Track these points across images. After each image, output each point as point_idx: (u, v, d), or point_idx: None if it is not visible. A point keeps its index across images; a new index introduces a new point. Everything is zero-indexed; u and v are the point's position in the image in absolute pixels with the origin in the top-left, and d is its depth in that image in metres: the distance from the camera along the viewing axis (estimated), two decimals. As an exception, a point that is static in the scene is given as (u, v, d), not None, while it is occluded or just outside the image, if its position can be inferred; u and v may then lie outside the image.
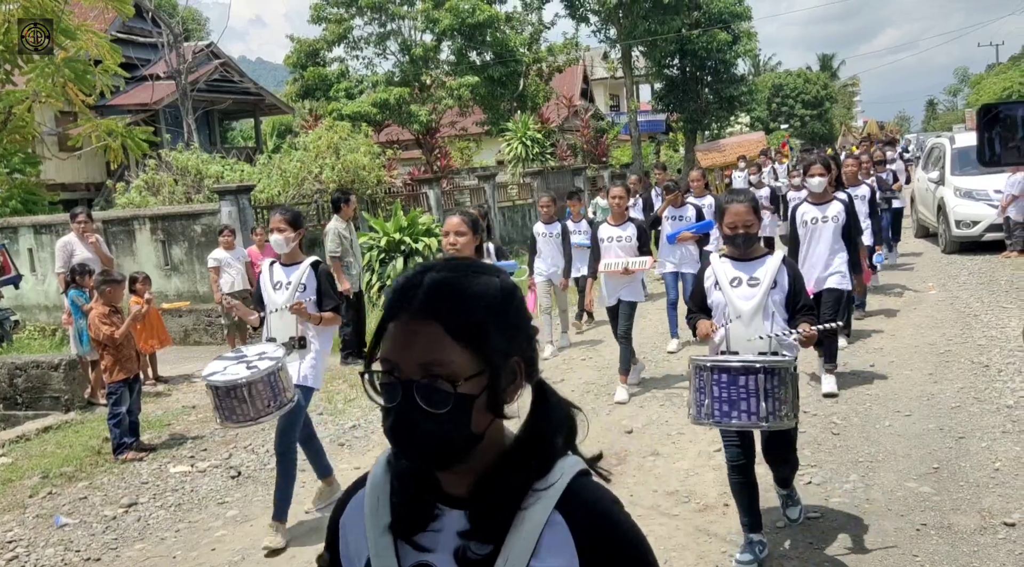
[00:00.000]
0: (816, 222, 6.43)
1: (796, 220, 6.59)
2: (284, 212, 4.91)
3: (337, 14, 22.78)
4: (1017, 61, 50.31)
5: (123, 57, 12.33)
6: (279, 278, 4.86)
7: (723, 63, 28.32)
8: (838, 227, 6.39)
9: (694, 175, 9.72)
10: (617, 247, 6.84)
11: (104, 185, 20.22)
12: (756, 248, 3.93)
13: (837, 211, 6.42)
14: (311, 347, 4.80)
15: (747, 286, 3.83)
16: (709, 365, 3.45)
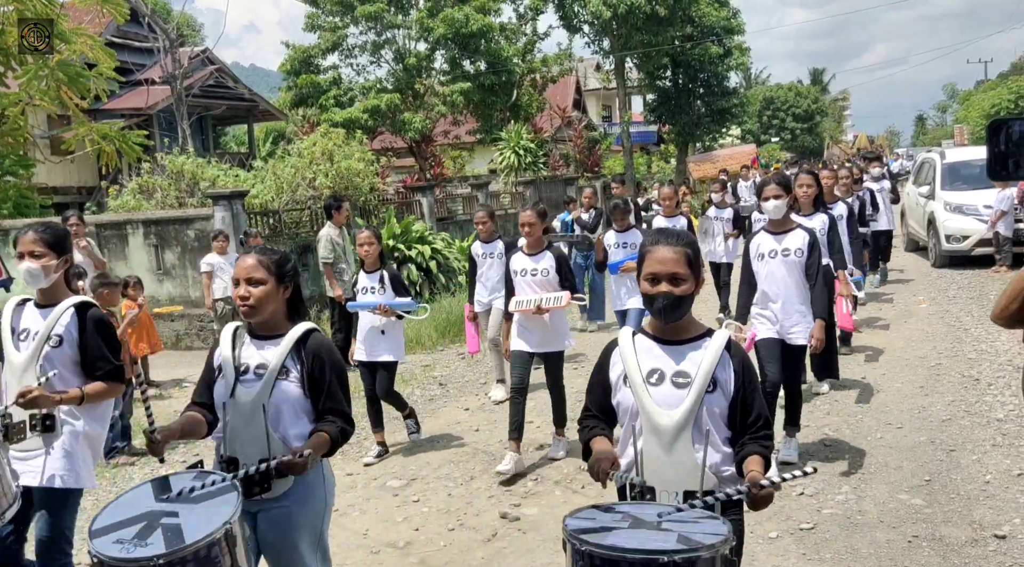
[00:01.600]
0: (775, 256, 5.12)
1: (750, 253, 5.28)
2: (41, 231, 3.49)
3: (331, 22, 22.82)
4: (1005, 78, 50.80)
5: (117, 61, 12.33)
6: (26, 325, 3.45)
7: (715, 76, 28.50)
8: (800, 263, 5.06)
9: (665, 192, 8.56)
10: (531, 282, 5.68)
11: (97, 189, 20.17)
12: (688, 323, 2.53)
13: (799, 243, 5.07)
14: (61, 430, 3.39)
15: (671, 384, 2.47)
16: (586, 550, 1.97)
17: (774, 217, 5.14)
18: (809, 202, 6.15)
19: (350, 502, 5.33)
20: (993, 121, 1.71)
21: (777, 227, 5.19)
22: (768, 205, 5.12)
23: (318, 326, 2.92)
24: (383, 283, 6.00)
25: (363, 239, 6.00)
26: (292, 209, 12.99)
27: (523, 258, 5.81)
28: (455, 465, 5.89)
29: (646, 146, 39.18)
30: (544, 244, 5.86)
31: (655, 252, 2.46)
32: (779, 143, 51.76)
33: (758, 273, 5.17)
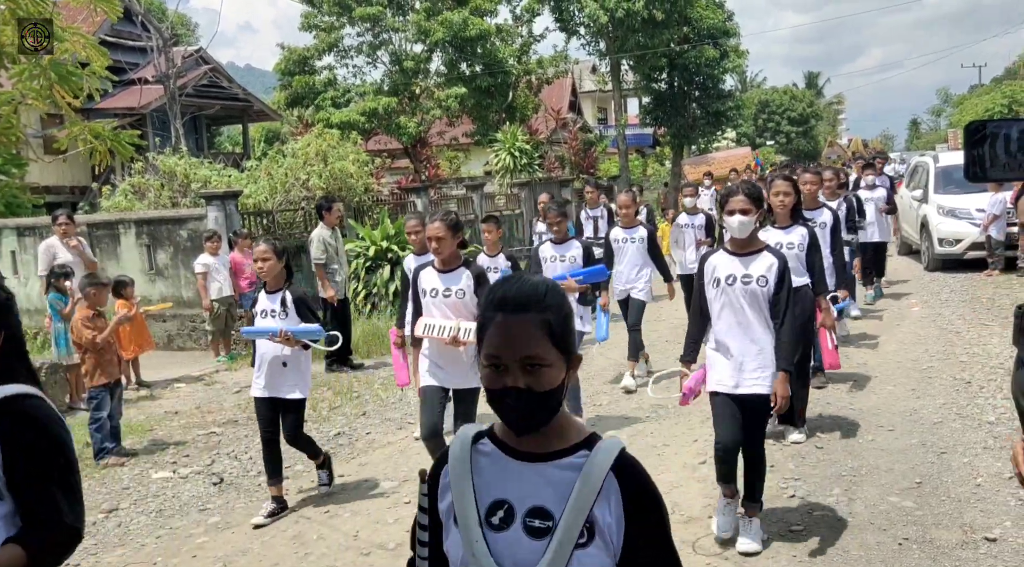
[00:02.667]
0: (733, 282, 4.13)
1: (704, 276, 4.28)
2: None
3: (328, 23, 22.79)
4: (999, 82, 51.00)
5: (111, 60, 12.26)
6: None
7: (711, 78, 28.54)
8: (766, 293, 4.09)
9: (623, 200, 7.69)
10: (443, 304, 4.84)
11: (89, 188, 20.09)
12: (560, 428, 1.58)
13: (765, 270, 4.10)
14: None
15: (522, 528, 1.53)
16: None
17: (738, 236, 4.15)
18: (786, 213, 5.39)
19: (341, 503, 5.31)
20: (971, 123, 1.72)
21: (741, 247, 4.18)
22: (732, 221, 4.13)
23: (34, 390, 1.99)
24: (285, 306, 5.03)
25: (259, 254, 5.11)
26: (286, 210, 12.96)
27: (433, 275, 4.90)
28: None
29: (641, 148, 39.20)
30: (460, 260, 4.96)
31: (497, 325, 1.53)
32: (774, 146, 51.87)
33: (712, 302, 4.20)
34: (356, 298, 11.29)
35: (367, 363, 9.40)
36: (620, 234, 7.63)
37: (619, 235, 7.62)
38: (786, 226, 5.45)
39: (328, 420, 7.26)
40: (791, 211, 5.43)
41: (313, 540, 4.78)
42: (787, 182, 5.55)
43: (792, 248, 5.28)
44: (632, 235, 7.57)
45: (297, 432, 5.22)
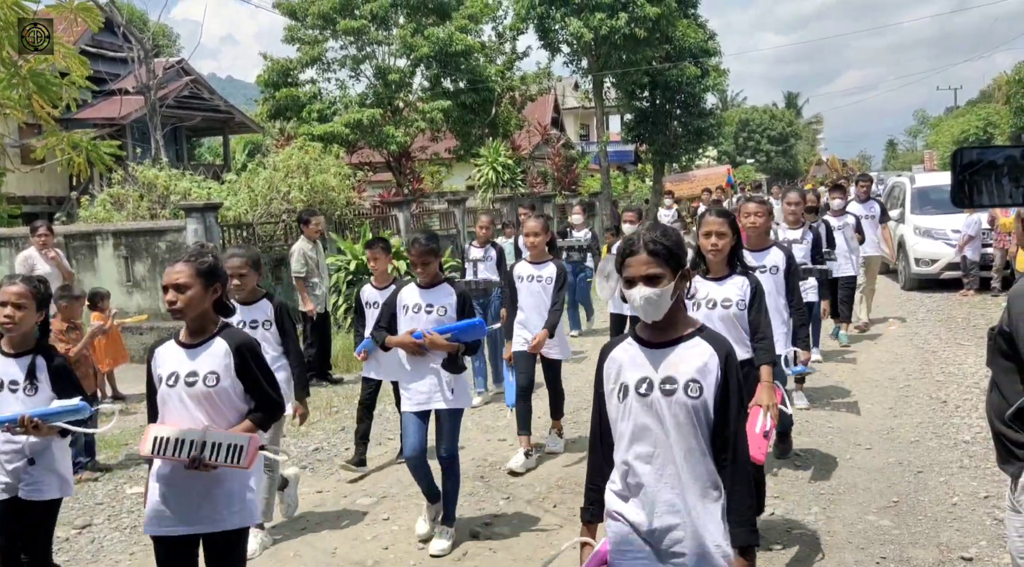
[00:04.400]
0: (648, 392, 2.83)
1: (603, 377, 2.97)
2: None
3: (311, 36, 22.78)
4: (974, 105, 51.87)
5: (91, 70, 12.19)
6: None
7: (692, 96, 28.77)
8: (703, 407, 2.52)
9: (531, 226, 6.08)
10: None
11: (67, 199, 19.90)
12: None
13: (700, 366, 2.78)
14: None
15: None
16: None
17: (645, 318, 3.54)
18: (720, 260, 4.17)
19: (319, 520, 5.26)
20: (957, 150, 1.74)
21: (656, 335, 3.61)
22: (633, 294, 3.23)
23: None
24: (34, 376, 3.59)
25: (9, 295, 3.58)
26: (266, 222, 12.90)
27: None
28: (426, 483, 5.82)
29: (623, 165, 39.43)
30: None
31: None
32: (754, 165, 52.37)
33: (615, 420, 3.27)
34: (336, 312, 11.23)
35: (346, 378, 9.34)
36: (525, 270, 6.04)
37: (523, 271, 6.03)
38: (722, 277, 4.20)
39: (306, 435, 7.20)
40: (728, 256, 4.17)
41: (290, 557, 4.72)
42: (720, 219, 4.12)
43: (728, 306, 4.13)
44: (540, 272, 5.97)
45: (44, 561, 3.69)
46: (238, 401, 3.18)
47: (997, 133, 38.08)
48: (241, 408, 3.19)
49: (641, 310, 2.48)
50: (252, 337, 3.33)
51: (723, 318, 4.10)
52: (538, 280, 5.95)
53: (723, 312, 4.14)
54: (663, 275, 2.45)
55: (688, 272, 2.53)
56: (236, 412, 3.17)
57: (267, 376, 3.25)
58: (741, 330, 4.16)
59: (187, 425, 3.05)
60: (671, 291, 2.47)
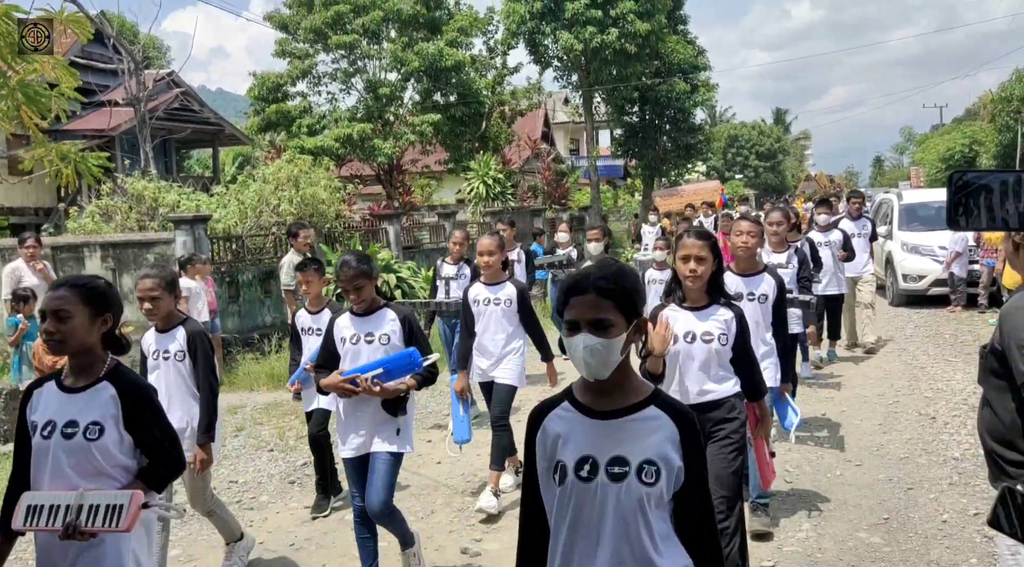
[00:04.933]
0: (592, 476, 2.14)
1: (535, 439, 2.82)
2: None
3: (302, 49, 22.81)
4: (960, 123, 52.40)
5: (81, 82, 12.16)
6: None
7: (682, 112, 28.97)
8: (657, 495, 2.04)
9: (484, 244, 5.52)
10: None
11: (54, 210, 19.79)
12: None
13: (655, 448, 2.13)
14: None
15: None
16: None
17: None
18: (700, 289, 3.73)
19: (307, 536, 5.21)
20: (953, 173, 1.76)
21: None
22: (575, 344, 2.75)
23: None
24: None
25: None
26: (256, 235, 12.85)
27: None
28: (415, 498, 5.79)
29: (613, 180, 39.58)
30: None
31: None
32: (743, 180, 52.68)
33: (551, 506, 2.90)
34: (325, 325, 11.18)
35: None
36: (481, 292, 5.52)
37: (479, 294, 5.51)
38: (701, 307, 3.74)
39: (295, 449, 7.14)
40: (708, 283, 3.73)
41: (277, 575, 4.67)
42: (700, 241, 3.68)
43: (709, 340, 3.68)
44: (496, 294, 5.47)
45: None
46: (125, 458, 2.70)
47: (982, 151, 38.45)
48: (129, 466, 2.71)
49: (583, 364, 1.99)
50: (144, 380, 2.90)
51: (702, 353, 3.68)
52: (495, 303, 5.43)
53: (703, 347, 3.68)
54: (614, 322, 1.98)
55: (644, 323, 2.09)
56: (123, 471, 2.69)
57: (163, 428, 2.78)
58: (719, 366, 3.72)
59: (61, 486, 2.62)
60: (622, 343, 1.99)
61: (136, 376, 2.87)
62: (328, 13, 21.70)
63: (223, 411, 8.50)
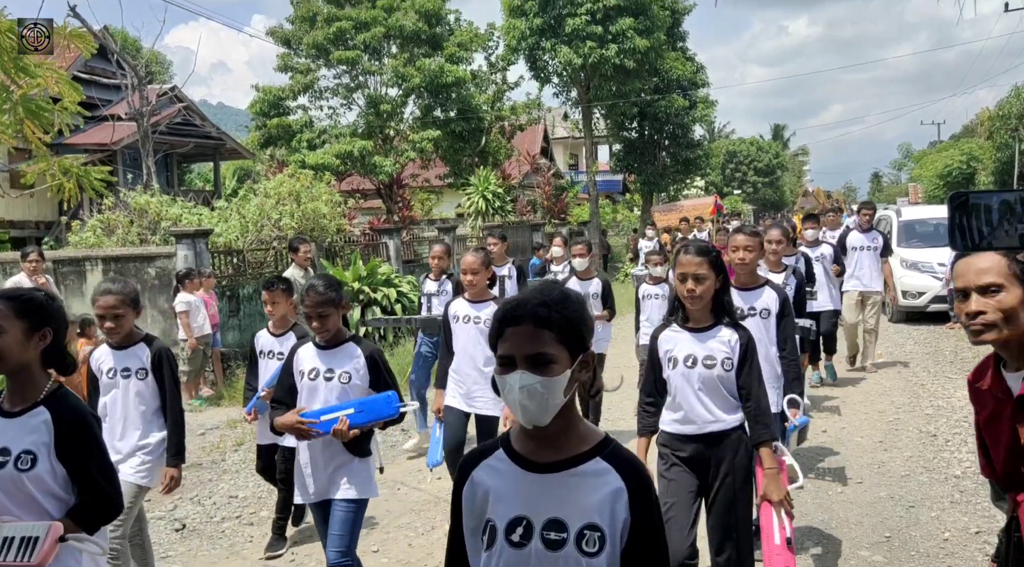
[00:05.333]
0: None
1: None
2: None
3: (304, 65, 22.94)
4: (958, 139, 52.62)
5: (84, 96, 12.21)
6: None
7: (680, 127, 29.11)
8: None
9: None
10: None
11: (55, 223, 19.83)
12: None
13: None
14: None
15: None
16: None
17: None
18: (704, 308, 3.42)
19: (307, 552, 5.20)
20: (954, 194, 1.78)
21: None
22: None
23: None
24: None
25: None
26: (257, 249, 12.88)
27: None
28: (416, 514, 5.78)
29: (612, 195, 39.70)
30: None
31: None
32: (741, 195, 52.84)
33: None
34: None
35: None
36: (462, 309, 5.16)
37: (460, 310, 5.15)
38: (704, 328, 3.42)
39: (295, 465, 7.13)
40: (713, 301, 3.40)
41: (278, 591, 4.66)
42: (698, 258, 3.33)
43: (712, 365, 3.36)
44: (479, 312, 5.06)
45: None
46: (59, 490, 2.47)
47: (980, 168, 38.60)
48: (65, 499, 2.49)
49: (519, 407, 1.70)
50: (85, 407, 2.63)
51: (704, 380, 3.37)
52: (475, 322, 5.02)
53: (705, 373, 3.35)
54: (555, 358, 1.69)
55: (591, 358, 1.77)
56: (56, 503, 2.47)
57: (100, 462, 2.51)
58: (726, 394, 3.39)
59: None
60: (565, 382, 1.70)
61: (78, 401, 2.59)
62: (331, 29, 21.86)
63: (224, 424, 8.52)
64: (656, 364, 3.48)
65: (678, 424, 3.45)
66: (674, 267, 3.52)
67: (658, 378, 3.49)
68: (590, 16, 22.86)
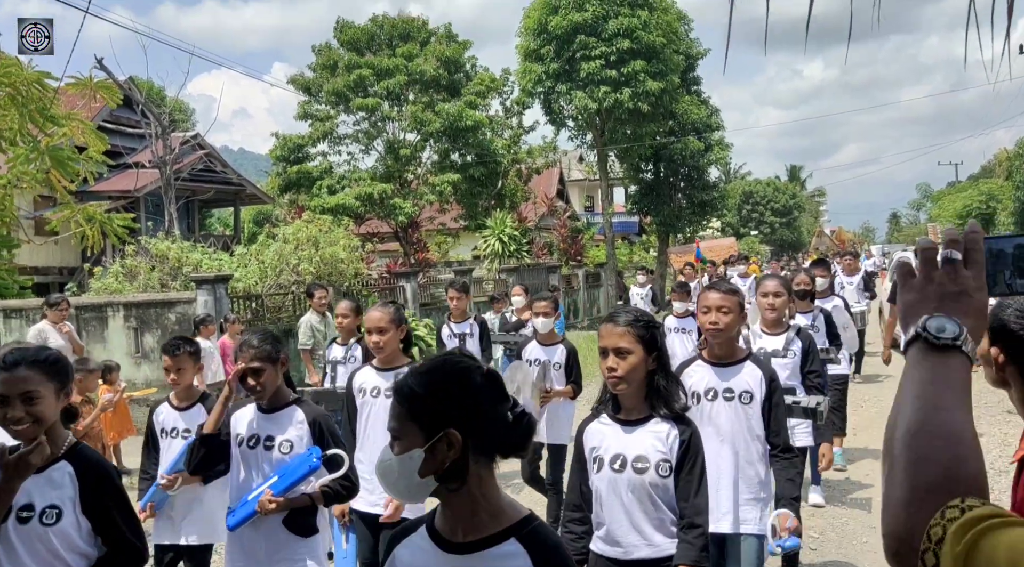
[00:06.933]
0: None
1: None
2: None
3: (324, 111, 23.36)
4: (976, 180, 52.51)
5: (109, 145, 12.49)
6: None
7: (696, 169, 29.28)
8: None
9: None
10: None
11: (79, 269, 20.11)
12: None
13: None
14: None
15: None
16: None
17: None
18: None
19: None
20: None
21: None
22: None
23: None
24: None
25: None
26: (275, 294, 13.00)
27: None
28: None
29: (628, 236, 39.81)
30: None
31: None
32: (758, 236, 52.81)
33: None
34: (343, 384, 11.21)
35: (353, 452, 9.26)
36: (369, 380, 4.23)
37: (367, 381, 4.22)
38: (637, 419, 2.76)
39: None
40: (646, 385, 2.75)
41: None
42: (622, 328, 2.68)
43: (644, 469, 2.70)
44: (391, 381, 3.89)
45: None
46: (83, 545, 2.43)
47: (1000, 208, 38.44)
48: (89, 554, 2.45)
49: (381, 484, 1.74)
50: (105, 460, 2.59)
51: (634, 488, 2.68)
52: (386, 395, 3.89)
53: (635, 479, 2.68)
54: (402, 434, 1.62)
55: (455, 438, 1.57)
56: (79, 559, 2.43)
57: (125, 513, 2.50)
58: (663, 507, 2.71)
59: None
60: (416, 463, 1.58)
61: (98, 455, 2.57)
62: (351, 77, 22.28)
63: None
64: (583, 465, 2.81)
65: (603, 543, 2.76)
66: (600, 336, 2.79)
67: (584, 483, 2.80)
68: (604, 60, 23.19)
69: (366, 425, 4.02)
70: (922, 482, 0.93)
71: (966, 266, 1.12)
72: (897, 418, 1.00)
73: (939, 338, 1.04)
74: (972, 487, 0.90)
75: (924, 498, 0.91)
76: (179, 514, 3.92)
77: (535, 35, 24.01)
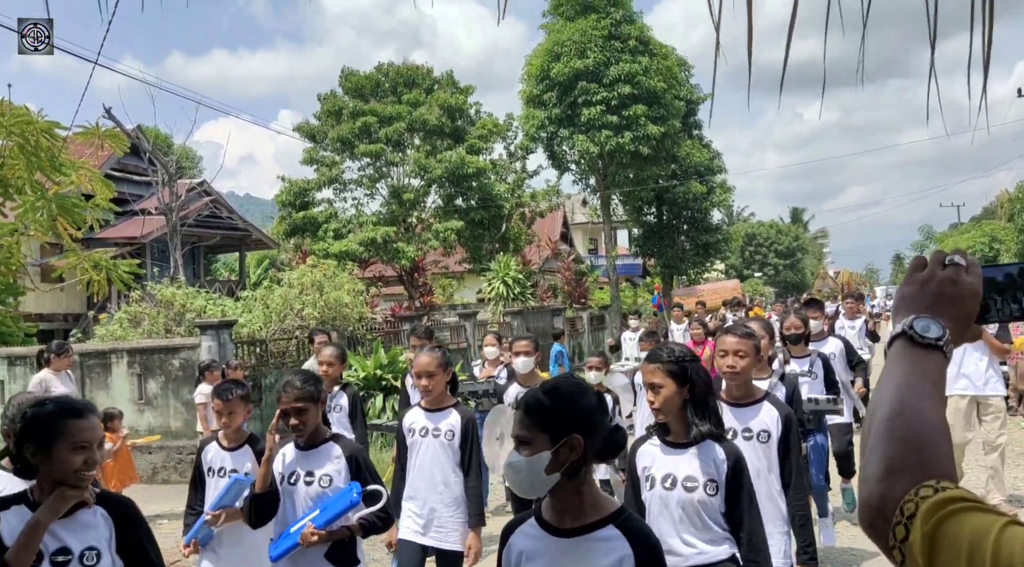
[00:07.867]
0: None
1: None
2: None
3: (329, 158, 23.61)
4: (978, 222, 52.67)
5: (116, 192, 12.62)
6: None
7: (699, 212, 29.44)
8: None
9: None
10: None
11: (83, 316, 20.16)
12: None
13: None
14: None
15: None
16: None
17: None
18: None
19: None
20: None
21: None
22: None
23: None
24: None
25: None
26: (279, 339, 12.99)
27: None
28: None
29: (632, 278, 39.86)
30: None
31: None
32: (762, 278, 52.84)
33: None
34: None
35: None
36: (419, 420, 4.26)
37: (417, 422, 4.25)
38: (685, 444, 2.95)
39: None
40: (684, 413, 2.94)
41: None
42: (653, 365, 2.93)
43: (693, 488, 2.89)
44: (440, 422, 4.21)
45: None
46: None
47: (1003, 249, 38.48)
48: None
49: (509, 480, 2.09)
50: (130, 499, 2.69)
51: (684, 505, 2.88)
52: (434, 434, 4.19)
53: (684, 497, 2.88)
54: (531, 440, 2.02)
55: (577, 442, 1.96)
56: None
57: (156, 550, 2.63)
58: (709, 523, 2.88)
59: None
60: (545, 462, 1.98)
61: (122, 495, 2.68)
62: (356, 124, 22.58)
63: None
64: (635, 482, 3.01)
65: None
66: None
67: (638, 498, 2.98)
68: (605, 105, 23.48)
69: (416, 462, 4.23)
70: (897, 460, 1.03)
71: (967, 273, 1.23)
72: (878, 403, 1.11)
73: (923, 338, 1.15)
74: (941, 468, 1.01)
75: (898, 474, 1.01)
76: (224, 548, 4.00)
77: (538, 81, 24.38)
